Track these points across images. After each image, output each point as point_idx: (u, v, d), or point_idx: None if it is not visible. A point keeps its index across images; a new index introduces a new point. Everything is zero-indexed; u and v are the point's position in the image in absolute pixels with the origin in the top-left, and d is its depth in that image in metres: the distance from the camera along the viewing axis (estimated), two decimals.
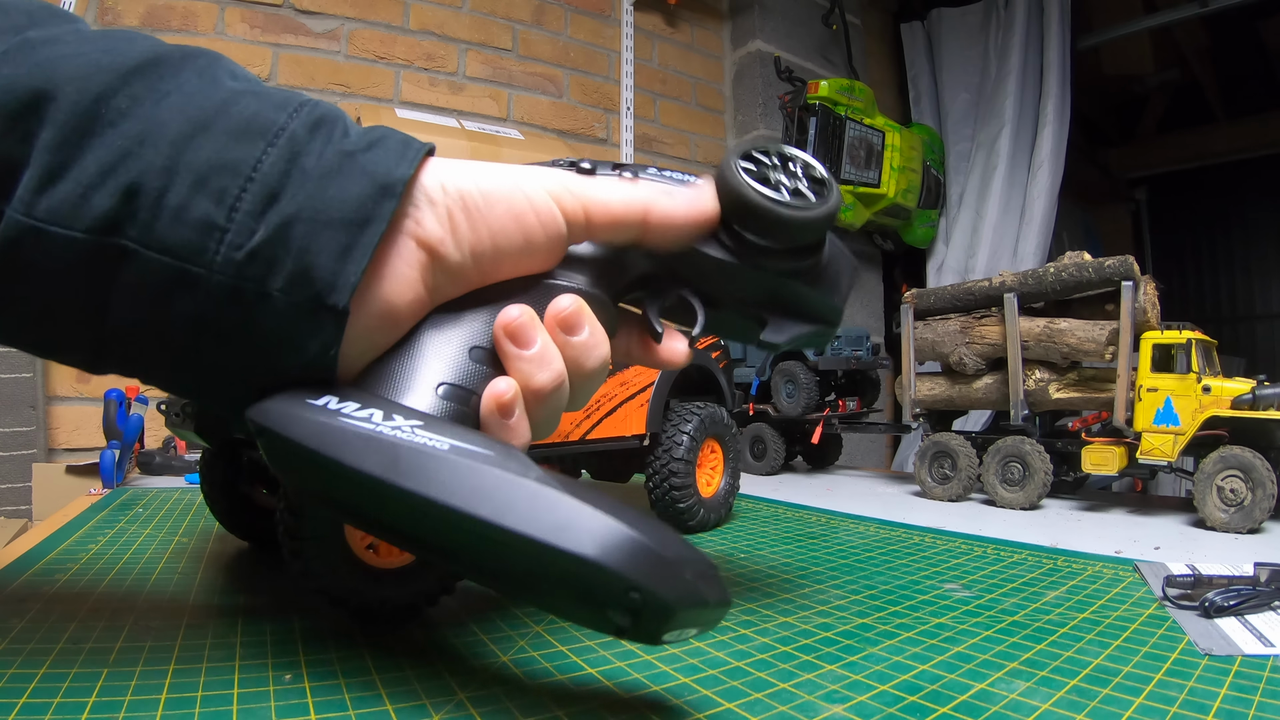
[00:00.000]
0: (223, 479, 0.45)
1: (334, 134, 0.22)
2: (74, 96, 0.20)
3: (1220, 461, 0.54)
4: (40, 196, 0.19)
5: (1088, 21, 1.95)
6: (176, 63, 0.21)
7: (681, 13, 1.52)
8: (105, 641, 0.28)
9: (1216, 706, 0.23)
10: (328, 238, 0.21)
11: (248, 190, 0.20)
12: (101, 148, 0.20)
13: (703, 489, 0.53)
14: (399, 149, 0.23)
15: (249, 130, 0.21)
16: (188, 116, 0.20)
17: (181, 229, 0.20)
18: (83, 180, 0.20)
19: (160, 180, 0.20)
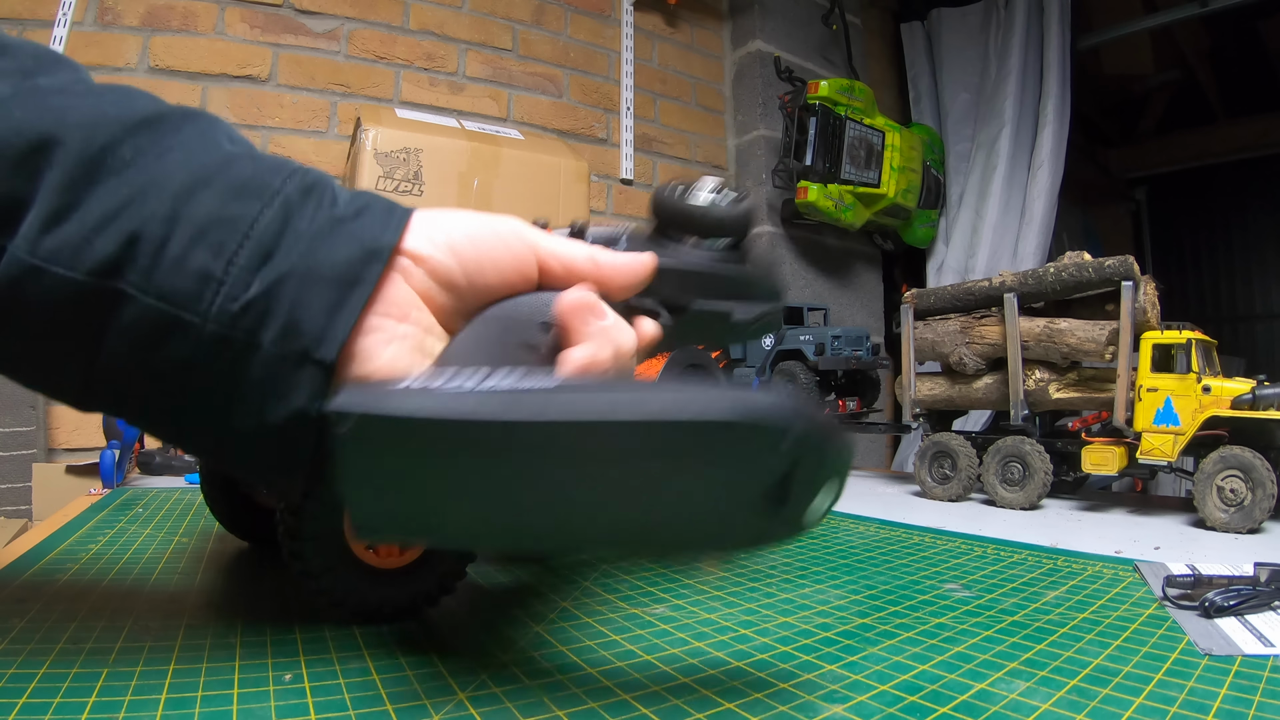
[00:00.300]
0: (223, 479, 0.45)
1: (324, 200, 0.23)
2: (82, 143, 0.21)
3: (1220, 461, 0.54)
4: (44, 236, 0.20)
5: (1088, 21, 1.95)
6: (178, 121, 0.23)
7: (681, 13, 1.52)
8: (105, 641, 0.28)
9: (1216, 706, 0.23)
10: (318, 294, 0.22)
11: (244, 246, 0.21)
12: (106, 194, 0.21)
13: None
14: (384, 217, 0.24)
15: (246, 190, 0.22)
16: (189, 172, 0.21)
17: (179, 278, 0.21)
18: (86, 224, 0.20)
19: (162, 230, 0.21)
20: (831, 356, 0.91)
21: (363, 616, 0.31)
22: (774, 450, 0.19)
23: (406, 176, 0.93)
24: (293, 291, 0.22)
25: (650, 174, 1.45)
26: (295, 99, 1.08)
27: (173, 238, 0.21)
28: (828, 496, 0.20)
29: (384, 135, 0.92)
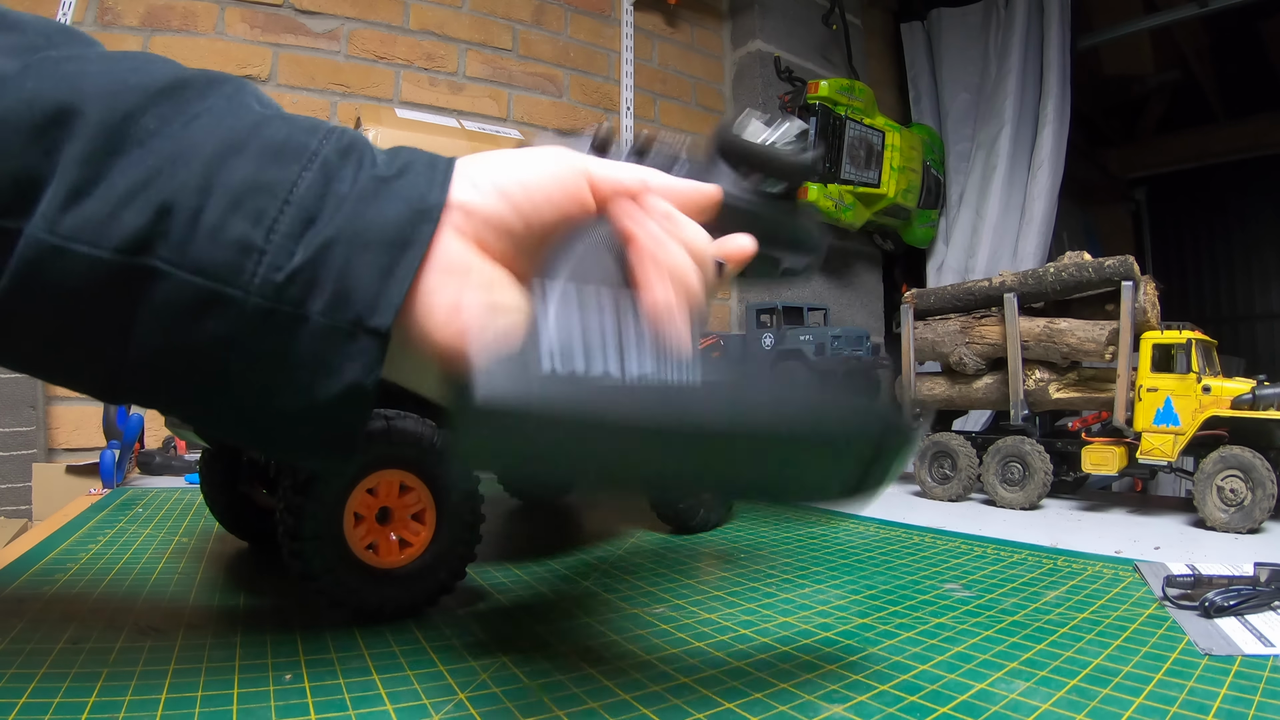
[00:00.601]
0: (223, 479, 0.45)
1: (364, 160, 0.22)
2: (102, 113, 0.19)
3: (1220, 461, 0.54)
4: (65, 214, 0.19)
5: (1088, 21, 1.94)
6: (203, 86, 0.21)
7: (681, 13, 1.52)
8: (105, 641, 0.28)
9: (1216, 706, 0.23)
10: (369, 260, 0.20)
11: (285, 212, 0.20)
12: (131, 166, 0.19)
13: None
14: (428, 173, 0.23)
15: (282, 153, 0.20)
16: (219, 138, 0.20)
17: (217, 249, 0.19)
18: (111, 198, 0.19)
19: (195, 199, 0.19)
20: (831, 356, 0.91)
21: (363, 616, 0.31)
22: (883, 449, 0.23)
23: None
24: (341, 257, 0.20)
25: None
26: (295, 99, 1.08)
27: (207, 207, 0.19)
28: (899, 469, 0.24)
29: (384, 135, 0.92)
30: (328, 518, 0.31)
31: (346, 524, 0.32)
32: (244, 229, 0.19)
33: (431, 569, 0.33)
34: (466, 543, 0.35)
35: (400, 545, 0.33)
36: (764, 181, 0.32)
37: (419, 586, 0.33)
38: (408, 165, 0.22)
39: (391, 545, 0.33)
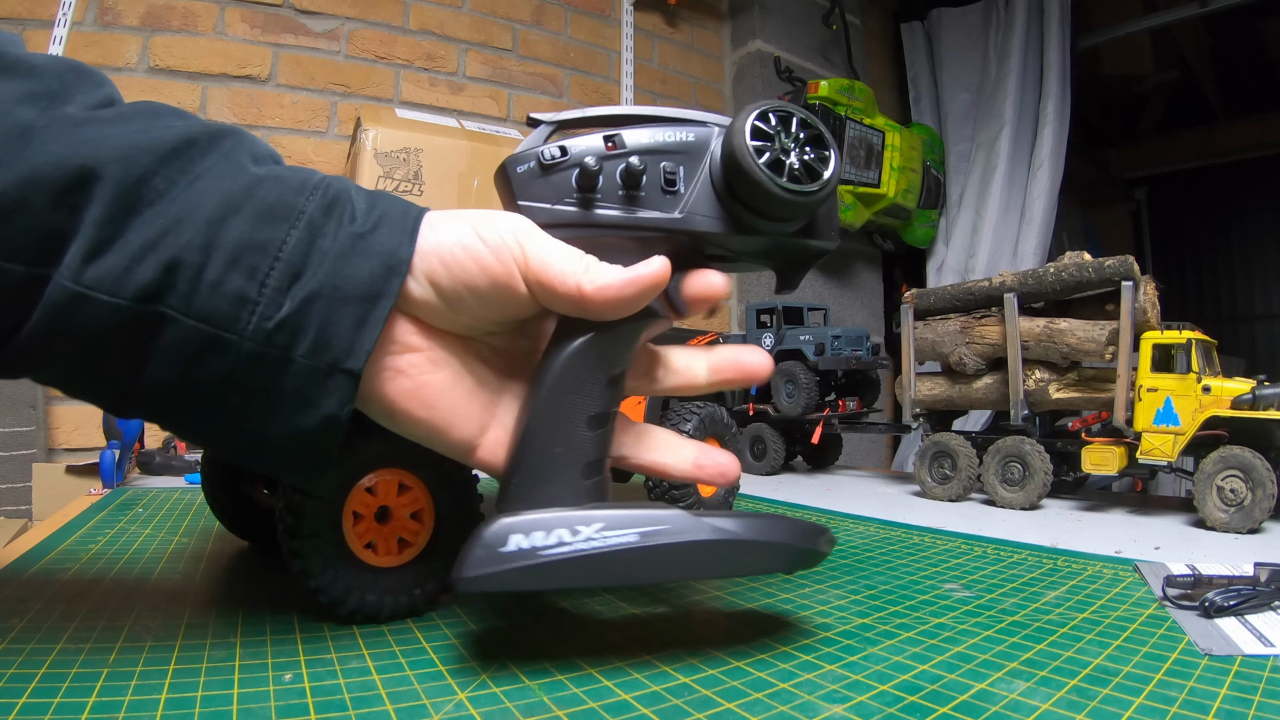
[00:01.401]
0: (224, 478, 0.45)
1: (344, 216, 0.25)
2: (119, 176, 0.22)
3: (1220, 461, 0.54)
4: (88, 266, 0.21)
5: (1088, 21, 1.95)
6: (205, 145, 0.24)
7: (681, 13, 1.52)
8: (105, 641, 0.28)
9: (1216, 706, 0.23)
10: (345, 312, 0.24)
11: (275, 268, 0.23)
12: (144, 225, 0.22)
13: (702, 489, 0.53)
14: (399, 224, 0.25)
15: (273, 214, 0.23)
16: (218, 200, 0.23)
17: (217, 300, 0.22)
18: (127, 253, 0.22)
19: (198, 256, 0.22)
20: (831, 356, 0.91)
21: (362, 616, 0.31)
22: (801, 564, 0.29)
23: (406, 176, 0.93)
24: (322, 309, 0.23)
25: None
26: (295, 99, 1.08)
27: (209, 263, 0.22)
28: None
29: (384, 135, 0.92)
30: (327, 517, 0.31)
31: (346, 523, 0.32)
32: (240, 283, 0.23)
33: (431, 568, 0.33)
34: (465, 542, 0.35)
35: (399, 544, 0.33)
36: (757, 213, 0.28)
37: (418, 586, 0.33)
38: (382, 218, 0.25)
39: (390, 544, 0.33)
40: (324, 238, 0.24)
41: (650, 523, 0.25)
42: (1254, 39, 2.26)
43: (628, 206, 0.28)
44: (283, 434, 0.25)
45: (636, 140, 0.28)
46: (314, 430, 0.25)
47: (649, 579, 0.25)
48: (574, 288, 0.26)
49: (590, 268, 0.26)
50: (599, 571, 0.25)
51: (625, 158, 0.28)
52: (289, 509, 0.31)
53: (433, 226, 0.26)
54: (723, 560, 0.26)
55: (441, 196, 0.92)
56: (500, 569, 0.24)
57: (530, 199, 0.28)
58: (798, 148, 0.28)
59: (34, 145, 0.21)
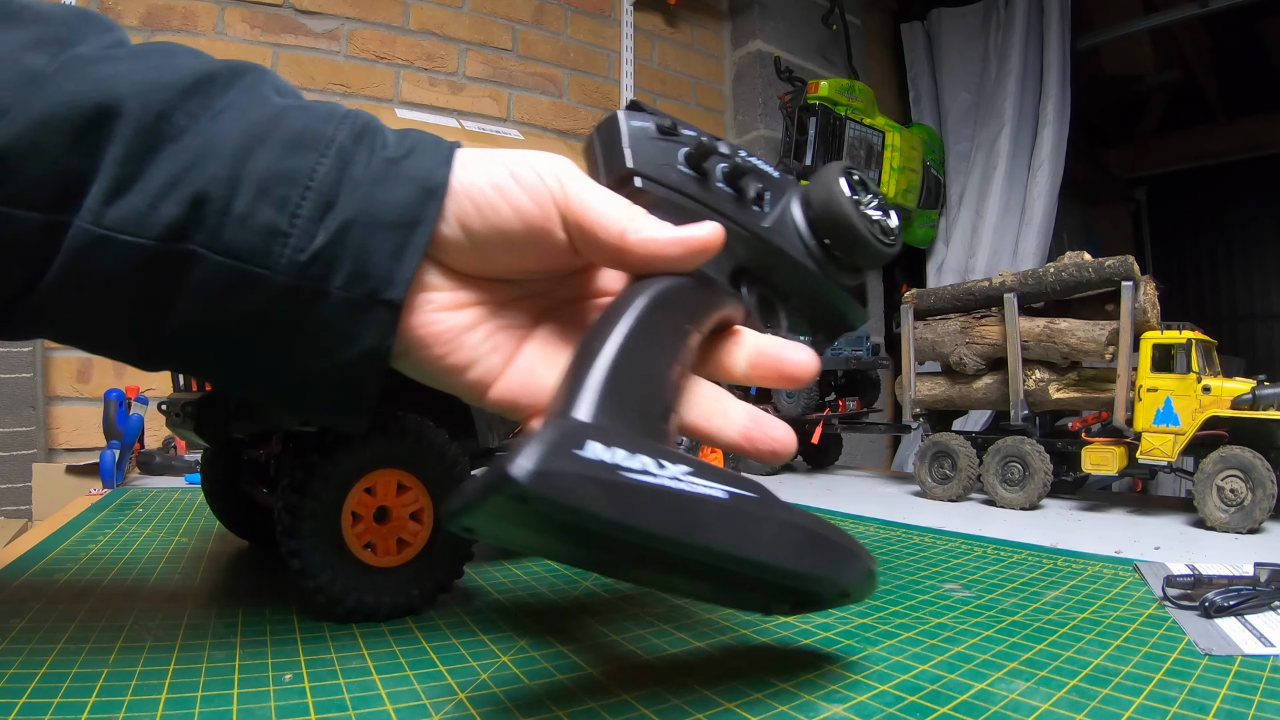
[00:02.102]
0: (224, 478, 0.45)
1: (375, 143, 0.23)
2: (138, 113, 0.21)
3: (1220, 461, 0.54)
4: (109, 207, 0.21)
5: (1088, 21, 1.95)
6: (226, 79, 0.23)
7: (681, 13, 1.52)
8: (105, 641, 0.28)
9: (1216, 706, 0.23)
10: (382, 239, 0.23)
11: (307, 198, 0.22)
12: (167, 161, 0.21)
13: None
14: (434, 151, 0.24)
15: (301, 142, 0.22)
16: (243, 131, 0.22)
17: (247, 234, 0.21)
18: (150, 191, 0.21)
19: (225, 190, 0.21)
20: (831, 356, 0.91)
21: (361, 615, 0.31)
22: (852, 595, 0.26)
23: None
24: (357, 238, 0.22)
25: None
26: None
27: (236, 196, 0.21)
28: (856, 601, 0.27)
29: None
30: (326, 516, 0.31)
31: (344, 523, 0.32)
32: (270, 215, 0.22)
33: (429, 568, 0.33)
34: (464, 542, 0.35)
35: (398, 544, 0.33)
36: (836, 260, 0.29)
37: (417, 586, 0.33)
38: (415, 145, 0.24)
39: (389, 544, 0.33)
40: (355, 165, 0.23)
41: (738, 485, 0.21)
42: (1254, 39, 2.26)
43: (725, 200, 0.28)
44: (320, 372, 0.24)
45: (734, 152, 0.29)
46: (353, 366, 0.23)
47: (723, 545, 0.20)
48: (617, 234, 0.24)
49: (636, 217, 0.24)
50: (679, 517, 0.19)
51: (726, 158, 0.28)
52: (287, 509, 0.31)
53: (464, 164, 0.24)
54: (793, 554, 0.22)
55: None
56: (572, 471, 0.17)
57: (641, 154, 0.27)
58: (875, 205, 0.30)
59: (43, 88, 0.20)
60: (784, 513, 0.22)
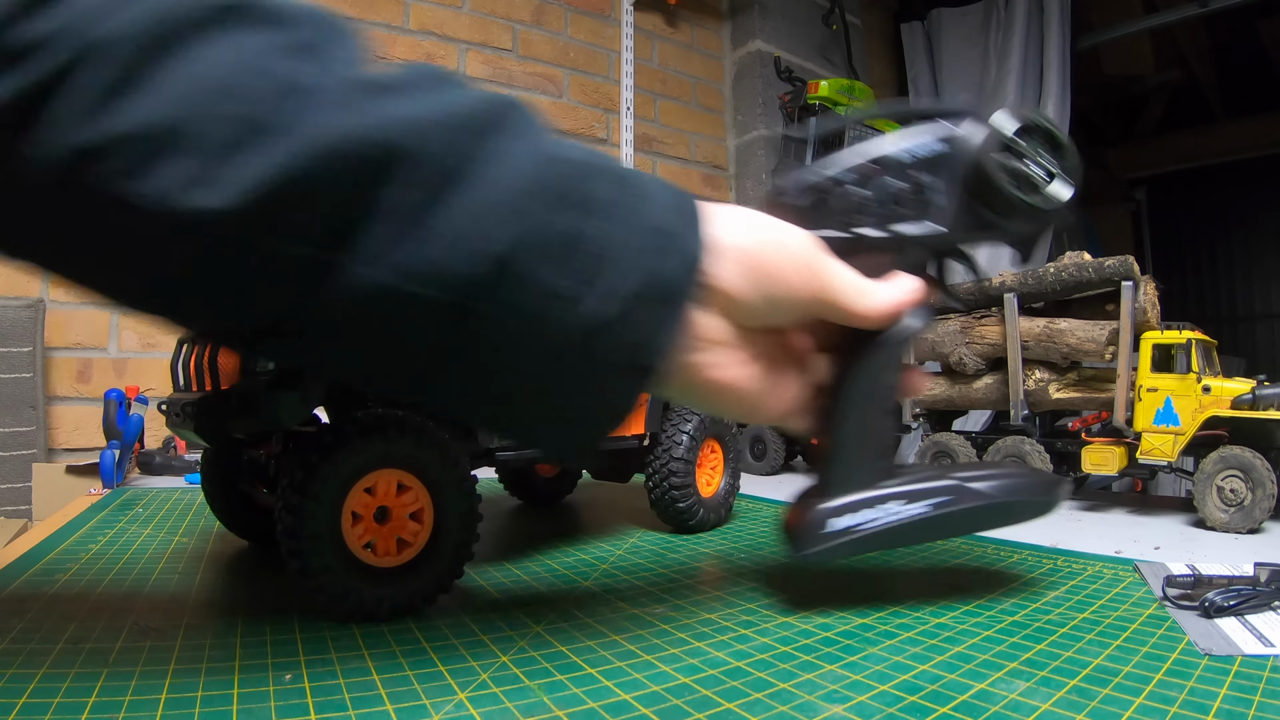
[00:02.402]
0: (224, 478, 0.45)
1: (639, 205, 0.24)
2: (418, 156, 0.21)
3: (1220, 461, 0.54)
4: (396, 255, 0.21)
5: (1088, 21, 1.94)
6: (496, 121, 0.23)
7: (681, 13, 1.52)
8: (105, 641, 0.28)
9: (1216, 706, 0.23)
10: (648, 311, 0.24)
11: (586, 264, 0.23)
12: (448, 211, 0.21)
13: (703, 489, 0.53)
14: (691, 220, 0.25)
15: (575, 201, 0.23)
16: (521, 186, 0.22)
17: (531, 295, 0.22)
18: (428, 243, 0.21)
19: (509, 248, 0.22)
20: None
21: (361, 615, 0.31)
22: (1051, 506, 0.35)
23: None
24: (628, 308, 0.23)
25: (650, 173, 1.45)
26: None
27: (517, 256, 0.22)
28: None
29: None
30: (326, 517, 0.31)
31: (344, 523, 0.32)
32: (551, 278, 0.22)
33: (429, 568, 0.33)
34: (464, 542, 0.35)
35: (398, 544, 0.33)
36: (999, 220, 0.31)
37: (416, 586, 0.33)
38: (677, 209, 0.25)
39: (389, 544, 0.33)
40: (622, 228, 0.24)
41: (937, 494, 0.32)
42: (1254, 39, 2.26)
43: (890, 221, 0.31)
44: (568, 420, 0.25)
45: (898, 157, 0.31)
46: (597, 418, 0.25)
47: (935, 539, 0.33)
48: (861, 309, 0.29)
49: (865, 290, 0.29)
50: (905, 537, 0.31)
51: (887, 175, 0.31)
52: (288, 509, 0.31)
53: (728, 226, 0.26)
54: (988, 518, 0.33)
55: None
56: (830, 545, 0.31)
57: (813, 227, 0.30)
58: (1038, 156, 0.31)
59: (313, 110, 0.19)
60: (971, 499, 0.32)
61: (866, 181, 0.31)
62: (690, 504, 0.51)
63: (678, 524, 0.52)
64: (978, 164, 0.31)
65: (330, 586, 0.31)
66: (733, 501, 0.56)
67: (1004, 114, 0.31)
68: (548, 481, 0.63)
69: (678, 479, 0.50)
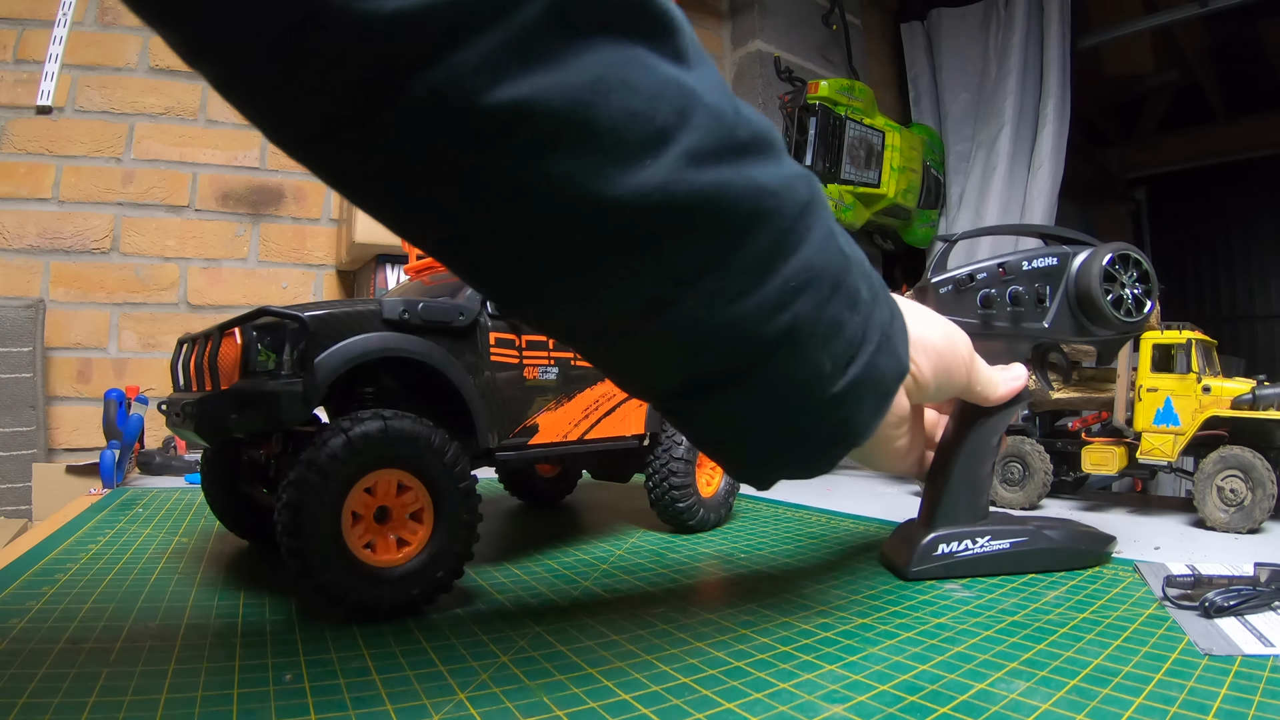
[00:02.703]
0: (225, 479, 0.45)
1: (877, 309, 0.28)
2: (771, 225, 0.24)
3: (1220, 461, 0.54)
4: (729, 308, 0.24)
5: (1088, 21, 1.94)
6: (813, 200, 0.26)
7: None
8: (105, 641, 0.28)
9: (1216, 706, 0.23)
10: (870, 401, 0.29)
11: (844, 352, 0.27)
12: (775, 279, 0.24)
13: (703, 489, 0.53)
14: (902, 332, 0.30)
15: (851, 299, 0.27)
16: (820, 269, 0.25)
17: (803, 367, 0.26)
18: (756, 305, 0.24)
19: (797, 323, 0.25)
20: None
21: (360, 615, 0.31)
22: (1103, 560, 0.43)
23: None
24: (858, 396, 0.28)
25: None
26: None
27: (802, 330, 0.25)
28: None
29: None
30: (326, 516, 0.31)
31: (345, 523, 0.32)
32: (820, 357, 0.26)
33: (429, 568, 0.33)
34: (464, 542, 0.35)
35: (398, 544, 0.33)
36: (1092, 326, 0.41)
37: (416, 586, 0.33)
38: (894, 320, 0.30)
39: (389, 544, 0.33)
40: (865, 325, 0.28)
41: (1015, 535, 0.40)
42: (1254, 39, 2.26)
43: (1012, 319, 0.41)
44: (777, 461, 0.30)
45: (1018, 267, 0.41)
46: (803, 472, 0.30)
47: (1011, 570, 0.40)
48: (994, 396, 0.38)
49: (996, 380, 0.38)
50: (987, 565, 0.40)
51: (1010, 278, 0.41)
52: (288, 507, 0.31)
53: (919, 324, 0.32)
54: (1053, 560, 0.41)
55: None
56: (932, 565, 0.39)
57: (948, 313, 0.38)
58: (1131, 284, 0.41)
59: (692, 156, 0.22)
60: (1043, 542, 0.41)
61: (994, 281, 0.41)
62: (690, 504, 0.51)
63: (678, 524, 0.52)
64: (1083, 282, 0.40)
65: (330, 586, 0.31)
66: (733, 502, 0.56)
67: (1107, 246, 0.41)
68: (548, 481, 0.63)
69: (678, 479, 0.50)
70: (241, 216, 1.05)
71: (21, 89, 0.94)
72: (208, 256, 1.03)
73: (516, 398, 0.42)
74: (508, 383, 0.42)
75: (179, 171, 1.01)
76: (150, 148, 1.00)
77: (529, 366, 0.43)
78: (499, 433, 0.41)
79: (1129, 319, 0.40)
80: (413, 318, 0.37)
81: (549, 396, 0.44)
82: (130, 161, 0.99)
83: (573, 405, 0.46)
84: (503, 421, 0.42)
